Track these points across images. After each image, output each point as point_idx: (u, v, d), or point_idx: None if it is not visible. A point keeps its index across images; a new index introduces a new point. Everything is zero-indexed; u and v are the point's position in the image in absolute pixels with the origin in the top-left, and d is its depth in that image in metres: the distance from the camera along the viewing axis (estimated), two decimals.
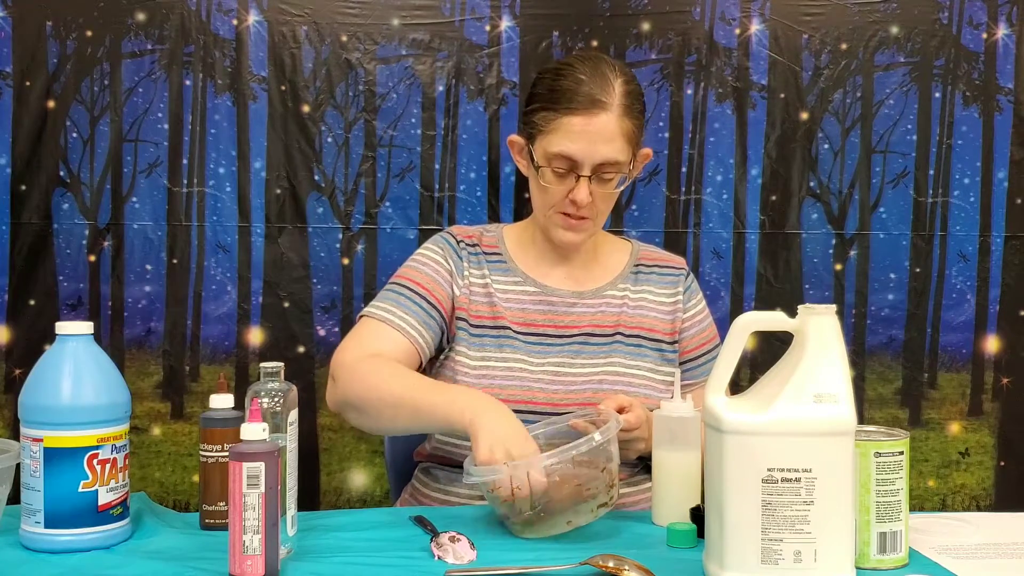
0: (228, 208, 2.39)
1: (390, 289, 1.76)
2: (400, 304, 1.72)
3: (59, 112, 2.35)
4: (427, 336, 1.71)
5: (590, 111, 1.65)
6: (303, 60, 2.39)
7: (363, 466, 2.44)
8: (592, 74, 1.67)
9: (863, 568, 1.28)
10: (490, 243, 1.81)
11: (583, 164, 1.66)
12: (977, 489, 2.51)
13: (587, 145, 1.65)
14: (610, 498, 1.44)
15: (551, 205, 1.71)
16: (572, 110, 1.65)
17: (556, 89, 1.68)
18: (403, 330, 1.69)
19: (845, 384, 1.23)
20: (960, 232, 2.49)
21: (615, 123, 1.66)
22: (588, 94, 1.65)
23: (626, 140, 1.67)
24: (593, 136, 1.65)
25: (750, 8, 2.44)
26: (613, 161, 1.66)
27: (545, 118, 1.68)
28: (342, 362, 1.67)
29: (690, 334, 1.82)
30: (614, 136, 1.66)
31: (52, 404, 1.34)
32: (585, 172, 1.66)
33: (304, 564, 1.29)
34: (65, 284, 2.37)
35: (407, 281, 1.75)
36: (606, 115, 1.65)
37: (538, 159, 1.69)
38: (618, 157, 1.67)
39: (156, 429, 2.39)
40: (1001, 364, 2.51)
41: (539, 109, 1.69)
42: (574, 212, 1.69)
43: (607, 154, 1.66)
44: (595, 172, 1.67)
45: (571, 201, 1.68)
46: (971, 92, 2.48)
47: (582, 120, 1.65)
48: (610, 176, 1.68)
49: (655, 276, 1.83)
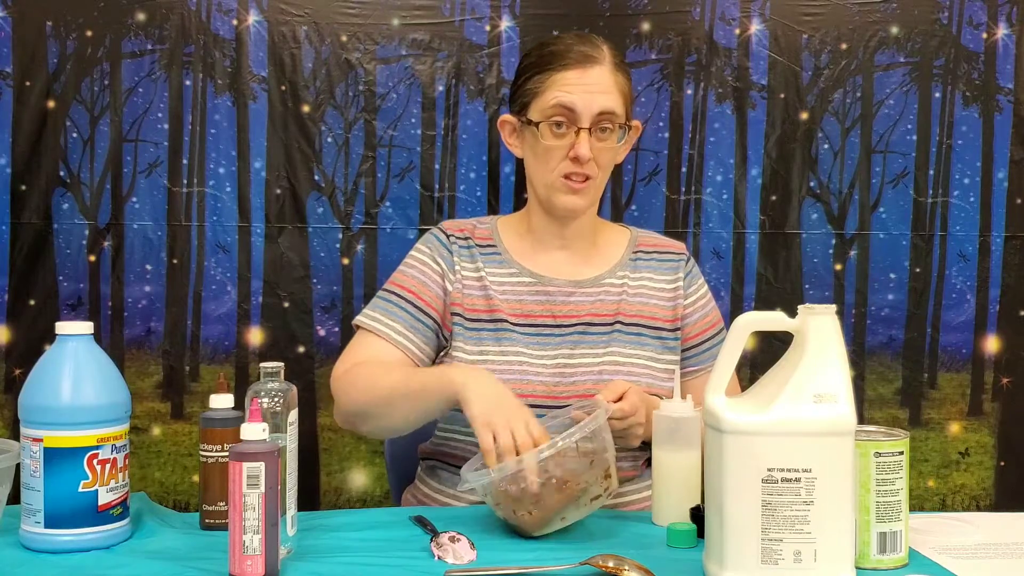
0: (228, 208, 2.39)
1: (380, 297, 1.78)
2: (388, 312, 1.74)
3: (59, 112, 2.35)
4: (417, 341, 1.72)
5: (583, 64, 1.68)
6: (303, 60, 2.39)
7: (363, 466, 2.44)
8: (579, 39, 1.73)
9: (863, 568, 1.28)
10: (483, 235, 1.81)
11: (581, 115, 1.66)
12: (977, 489, 2.51)
13: (584, 95, 1.67)
14: (604, 489, 1.43)
15: (552, 168, 1.70)
16: (565, 66, 1.68)
17: (545, 54, 1.72)
18: (391, 339, 1.71)
19: (845, 384, 1.23)
20: (960, 232, 2.49)
21: (609, 75, 1.69)
22: (580, 51, 1.69)
23: (620, 94, 1.70)
24: (589, 86, 1.67)
25: (750, 8, 2.44)
26: (610, 111, 1.67)
27: (538, 80, 1.70)
28: (336, 378, 1.71)
29: (692, 320, 1.81)
30: (609, 87, 1.68)
31: (52, 404, 1.34)
32: (584, 124, 1.67)
33: (304, 564, 1.29)
34: (65, 284, 2.37)
35: (396, 288, 1.77)
36: (599, 67, 1.68)
37: (535, 117, 1.69)
38: (615, 108, 1.68)
39: (156, 429, 2.39)
40: (1001, 364, 2.51)
41: (530, 76, 1.72)
42: (576, 170, 1.69)
43: (604, 103, 1.67)
44: (594, 124, 1.67)
45: (573, 158, 1.68)
46: (971, 92, 2.48)
47: (576, 73, 1.68)
48: (609, 128, 1.69)
49: (655, 262, 1.82)
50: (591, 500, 1.42)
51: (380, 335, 1.71)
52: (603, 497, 1.43)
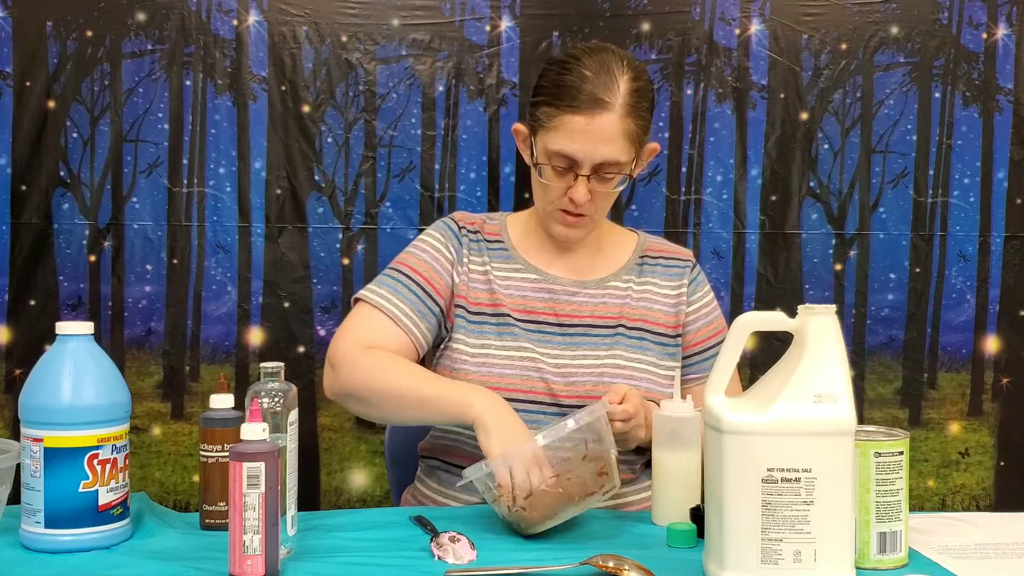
0: (228, 208, 2.39)
1: (388, 275, 1.74)
2: (398, 292, 1.71)
3: (59, 112, 2.35)
4: (423, 327, 1.70)
5: (592, 110, 1.63)
6: (303, 60, 2.39)
7: (363, 466, 2.44)
8: (598, 71, 1.65)
9: (863, 568, 1.28)
10: (492, 231, 1.81)
11: (583, 164, 1.65)
12: (977, 489, 2.51)
13: (587, 145, 1.64)
14: (600, 487, 1.42)
15: (550, 201, 1.71)
16: (574, 108, 1.63)
17: (560, 85, 1.66)
18: (400, 321, 1.68)
19: (845, 384, 1.22)
20: (960, 232, 2.49)
21: (617, 123, 1.64)
22: (591, 93, 1.63)
23: (628, 140, 1.66)
24: (594, 136, 1.64)
25: (750, 8, 2.44)
26: (613, 161, 1.66)
27: (548, 114, 1.66)
28: (343, 351, 1.66)
29: (695, 327, 1.81)
30: (615, 137, 1.65)
31: (52, 404, 1.34)
32: (584, 172, 1.65)
33: (304, 564, 1.29)
34: (65, 284, 2.37)
35: (407, 268, 1.74)
36: (608, 115, 1.63)
37: (538, 156, 1.69)
38: (619, 158, 1.66)
39: (156, 429, 2.40)
40: (1001, 364, 2.51)
41: (542, 103, 1.68)
42: (572, 209, 1.69)
43: (607, 154, 1.65)
44: (595, 171, 1.66)
45: (569, 199, 1.68)
46: (971, 92, 2.48)
47: (583, 119, 1.63)
48: (610, 176, 1.67)
49: (660, 268, 1.82)
50: (586, 496, 1.41)
51: (386, 313, 1.69)
52: (598, 494, 1.43)
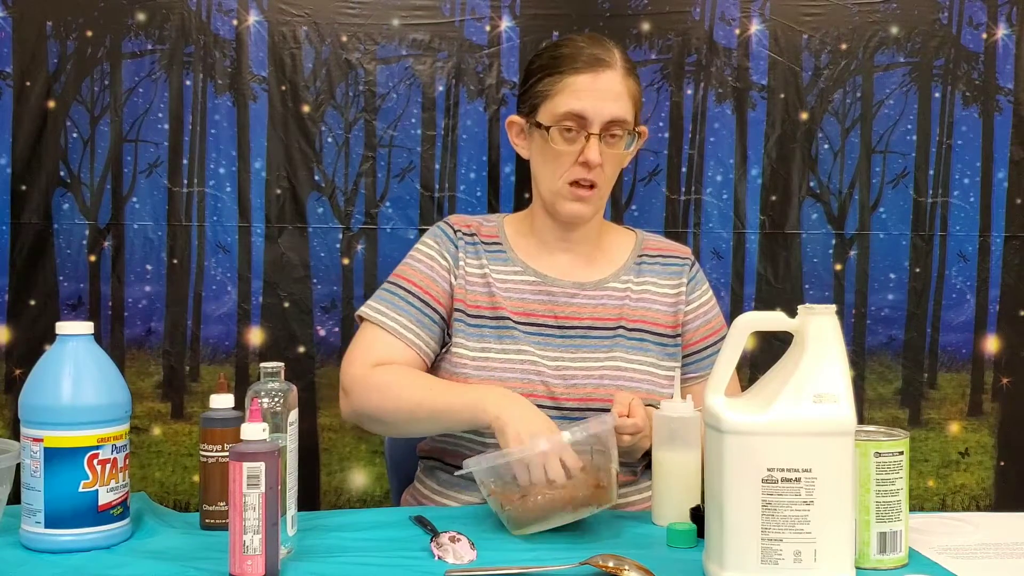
0: (228, 208, 2.39)
1: (386, 289, 1.76)
2: (396, 306, 1.72)
3: (59, 112, 2.35)
4: (425, 337, 1.71)
5: (595, 69, 1.67)
6: (303, 60, 2.39)
7: (363, 466, 2.44)
8: (590, 41, 1.72)
9: (863, 568, 1.28)
10: (489, 233, 1.81)
11: (592, 121, 1.66)
12: (977, 489, 2.51)
13: (595, 101, 1.66)
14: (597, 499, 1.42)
15: (560, 174, 1.70)
16: (577, 69, 1.68)
17: (558, 56, 1.71)
18: (402, 336, 1.70)
19: (845, 384, 1.23)
20: (960, 232, 2.49)
21: (620, 81, 1.68)
22: (591, 54, 1.68)
23: (631, 100, 1.70)
24: (601, 92, 1.67)
25: (750, 8, 2.44)
26: (621, 119, 1.68)
27: (549, 82, 1.69)
28: (352, 375, 1.68)
29: (694, 326, 1.81)
30: (620, 94, 1.68)
31: (52, 404, 1.34)
32: (594, 130, 1.66)
33: (304, 564, 1.29)
34: (65, 284, 2.37)
35: (402, 280, 1.75)
36: (611, 72, 1.68)
37: (545, 121, 1.69)
38: (625, 115, 1.68)
39: (156, 429, 2.40)
40: (1001, 364, 2.51)
41: (542, 78, 1.71)
42: (584, 176, 1.69)
43: (615, 111, 1.67)
44: (603, 131, 1.67)
45: (582, 164, 1.68)
46: (971, 92, 2.48)
47: (588, 78, 1.67)
48: (617, 135, 1.69)
49: (658, 266, 1.82)
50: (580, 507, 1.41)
51: (388, 329, 1.70)
52: (593, 506, 1.43)
